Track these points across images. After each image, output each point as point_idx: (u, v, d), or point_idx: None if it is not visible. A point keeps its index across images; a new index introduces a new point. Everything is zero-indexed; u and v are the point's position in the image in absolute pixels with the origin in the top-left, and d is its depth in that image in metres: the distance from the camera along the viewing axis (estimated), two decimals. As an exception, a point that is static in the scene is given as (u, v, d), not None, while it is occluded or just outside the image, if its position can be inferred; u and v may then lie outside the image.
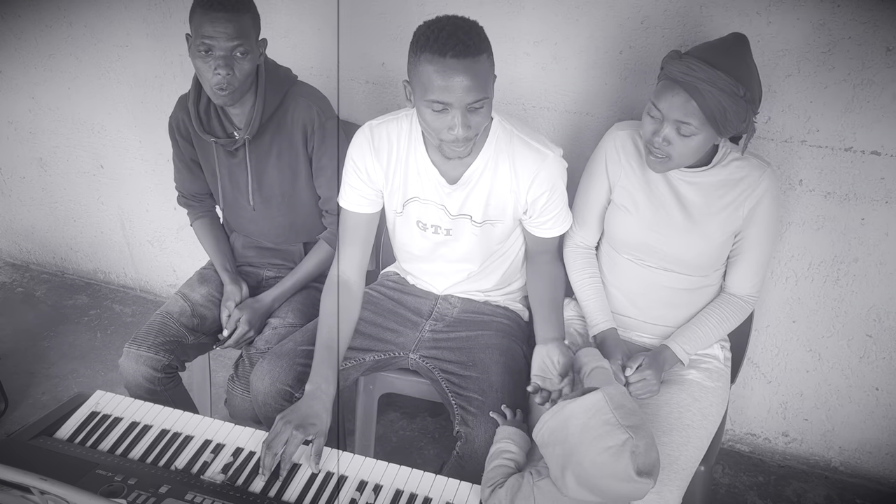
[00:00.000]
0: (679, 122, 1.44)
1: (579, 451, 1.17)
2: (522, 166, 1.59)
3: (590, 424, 1.18)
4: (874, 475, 2.19)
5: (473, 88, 1.38)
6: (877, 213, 1.84)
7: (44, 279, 3.16)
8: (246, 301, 1.88)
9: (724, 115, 1.41)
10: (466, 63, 1.36)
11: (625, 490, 1.16)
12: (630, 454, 1.13)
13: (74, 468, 1.32)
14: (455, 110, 1.41)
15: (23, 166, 2.96)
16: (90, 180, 2.86)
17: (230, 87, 1.69)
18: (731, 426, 2.29)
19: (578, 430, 1.18)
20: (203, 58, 1.67)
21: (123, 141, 2.70)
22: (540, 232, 1.70)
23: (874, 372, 2.04)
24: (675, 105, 1.43)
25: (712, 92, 1.39)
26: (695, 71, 1.40)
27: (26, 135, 2.87)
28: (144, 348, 1.76)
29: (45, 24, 2.56)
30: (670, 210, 1.62)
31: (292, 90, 1.85)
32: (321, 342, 1.60)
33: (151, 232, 2.87)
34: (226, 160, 1.89)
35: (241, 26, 1.66)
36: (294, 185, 1.91)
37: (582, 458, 1.17)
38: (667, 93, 1.44)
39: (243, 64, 1.69)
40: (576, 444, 1.18)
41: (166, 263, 2.93)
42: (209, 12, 1.63)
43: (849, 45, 1.69)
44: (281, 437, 1.39)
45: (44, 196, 3.01)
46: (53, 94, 2.72)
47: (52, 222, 3.06)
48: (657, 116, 1.47)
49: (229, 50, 1.66)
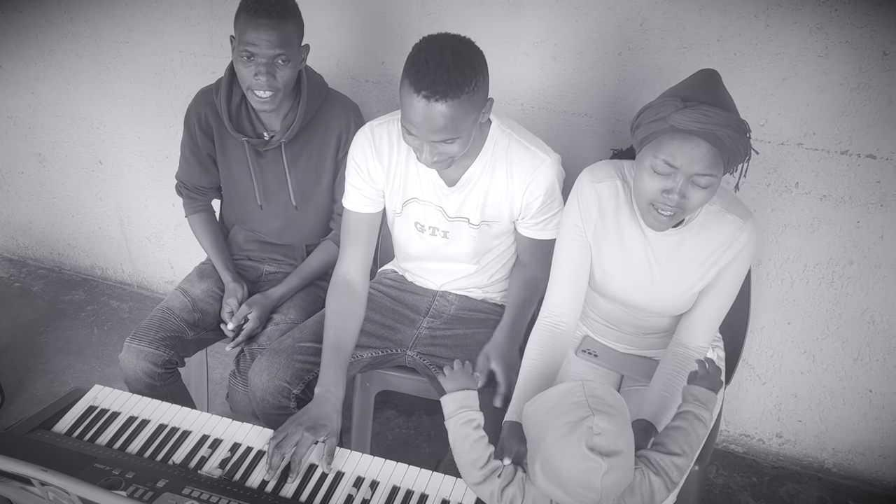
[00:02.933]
0: (700, 174, 1.30)
1: (544, 430, 1.15)
2: (519, 170, 1.60)
3: (559, 405, 1.17)
4: (867, 477, 2.20)
5: (439, 130, 1.39)
6: (872, 217, 1.86)
7: (41, 274, 3.16)
8: (255, 297, 1.89)
9: (735, 152, 1.31)
10: (435, 105, 1.36)
11: (577, 471, 1.11)
12: (586, 429, 1.11)
13: (72, 461, 1.32)
14: (421, 141, 1.43)
15: (21, 161, 2.96)
16: (89, 176, 2.87)
17: (270, 94, 1.70)
18: (726, 427, 2.30)
19: (547, 410, 1.17)
20: (245, 63, 1.68)
21: (123, 137, 2.70)
22: (531, 233, 1.69)
23: (868, 374, 2.05)
24: (697, 157, 1.28)
25: (731, 136, 1.28)
26: (711, 118, 1.26)
27: (25, 130, 2.87)
28: (145, 343, 1.77)
29: (46, 20, 2.57)
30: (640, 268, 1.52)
31: (329, 97, 1.88)
32: (328, 344, 1.60)
33: (149, 228, 2.88)
34: (255, 160, 1.91)
35: (285, 34, 1.66)
36: (315, 189, 1.93)
37: (545, 436, 1.15)
38: (684, 146, 1.28)
39: (285, 71, 1.70)
40: (542, 423, 1.17)
41: (164, 260, 2.93)
42: (253, 18, 1.64)
43: (845, 49, 1.70)
44: (291, 439, 1.39)
45: (42, 191, 3.01)
46: (53, 90, 2.72)
47: (51, 217, 3.06)
48: (667, 172, 1.31)
49: (272, 57, 1.67)
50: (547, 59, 1.98)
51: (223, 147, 1.93)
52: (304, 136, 1.87)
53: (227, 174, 1.97)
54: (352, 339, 1.65)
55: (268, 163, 1.90)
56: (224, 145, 1.92)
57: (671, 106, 1.30)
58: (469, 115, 1.41)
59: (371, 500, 1.31)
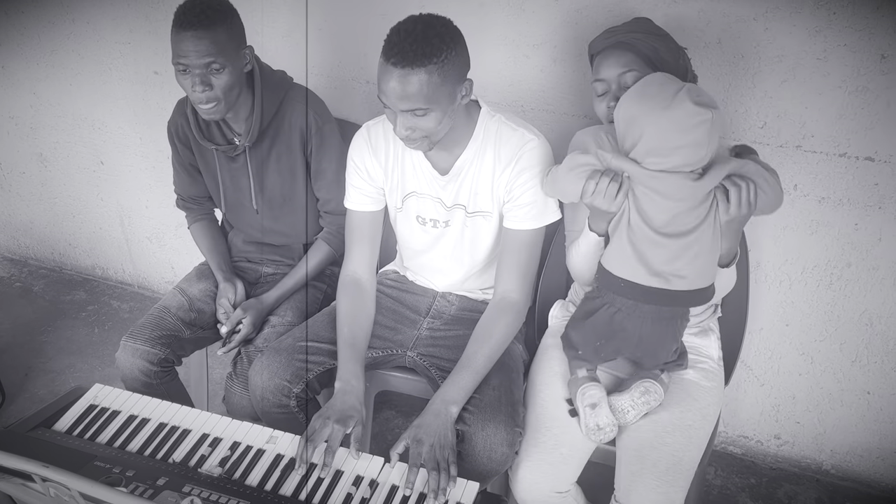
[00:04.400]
0: (623, 74, 1.53)
1: (644, 116, 1.34)
2: (505, 149, 1.60)
3: (646, 91, 1.37)
4: (865, 478, 2.21)
5: (407, 98, 1.41)
6: (870, 219, 1.86)
7: (42, 274, 3.17)
8: (250, 301, 1.89)
9: (657, 53, 1.53)
10: (403, 73, 1.39)
11: (689, 126, 1.30)
12: (686, 91, 1.31)
13: (73, 459, 1.32)
14: (393, 112, 1.46)
15: (23, 162, 2.97)
16: (90, 176, 2.87)
17: (212, 102, 1.69)
18: (724, 428, 2.30)
19: (637, 99, 1.37)
20: (182, 76, 1.67)
21: (124, 138, 2.71)
22: (516, 222, 1.61)
23: (866, 376, 2.06)
24: (613, 63, 1.54)
25: (637, 37, 1.53)
26: (616, 31, 1.55)
27: (27, 130, 2.88)
28: (141, 342, 1.77)
29: (48, 21, 2.57)
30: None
31: (289, 95, 1.86)
32: (344, 341, 1.63)
33: (150, 229, 2.88)
34: (227, 165, 1.91)
35: (214, 41, 1.64)
36: (293, 188, 1.92)
37: (646, 119, 1.33)
38: (602, 61, 1.56)
39: (221, 78, 1.68)
40: (639, 114, 1.35)
41: (164, 260, 2.94)
42: (180, 31, 1.63)
43: (844, 53, 1.71)
44: (322, 433, 1.42)
45: (43, 192, 3.01)
46: (55, 90, 2.73)
47: (52, 218, 3.07)
48: (603, 88, 1.57)
49: (204, 67, 1.65)
50: (547, 61, 1.99)
51: (202, 156, 1.93)
52: (270, 137, 1.86)
53: (210, 181, 1.98)
54: (365, 336, 1.68)
55: (239, 167, 1.91)
56: (202, 154, 1.93)
57: (593, 41, 1.61)
58: (440, 88, 1.42)
59: (370, 499, 1.32)
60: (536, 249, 1.66)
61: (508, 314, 1.63)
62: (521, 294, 1.64)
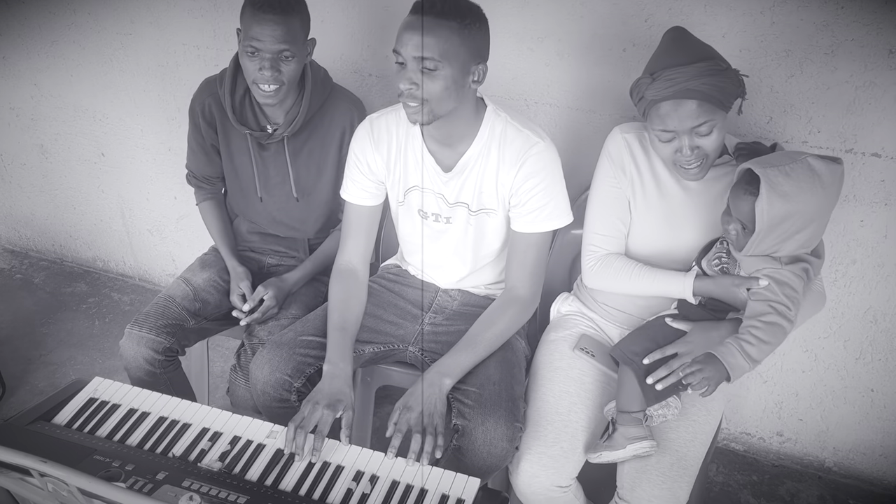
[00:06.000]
0: (695, 126, 1.44)
1: (812, 200, 1.37)
2: (511, 152, 1.60)
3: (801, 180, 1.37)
4: (867, 476, 2.20)
5: (425, 45, 1.43)
6: (876, 215, 1.85)
7: (43, 266, 3.16)
8: (271, 280, 1.89)
9: (722, 91, 1.43)
10: (429, 20, 1.43)
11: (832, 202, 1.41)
12: (810, 158, 1.36)
13: (72, 453, 1.32)
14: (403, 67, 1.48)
15: (24, 153, 2.96)
16: (91, 168, 2.86)
17: (275, 87, 1.70)
18: (726, 425, 2.30)
19: (804, 190, 1.36)
20: (250, 58, 1.68)
21: (125, 129, 2.70)
22: (523, 225, 1.63)
23: (870, 373, 2.05)
24: (685, 116, 1.43)
25: (706, 82, 1.40)
26: (678, 79, 1.41)
27: (28, 121, 2.87)
28: (146, 330, 1.77)
29: (49, 11, 2.56)
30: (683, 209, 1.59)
31: (334, 92, 1.89)
32: (333, 325, 1.64)
33: (151, 221, 2.88)
34: (259, 152, 1.91)
35: (290, 29, 1.66)
36: (315, 184, 1.93)
37: (812, 202, 1.37)
38: (669, 112, 1.44)
39: (290, 66, 1.70)
40: (811, 200, 1.37)
41: (165, 253, 2.93)
42: (258, 13, 1.63)
43: (852, 47, 1.69)
44: (312, 418, 1.42)
45: (44, 183, 3.01)
46: (56, 81, 2.72)
47: (52, 209, 3.06)
48: (668, 138, 1.47)
49: (276, 53, 1.66)
50: (552, 55, 1.97)
51: (226, 138, 1.92)
52: (307, 131, 1.87)
53: (229, 165, 1.97)
54: (356, 321, 1.69)
55: (270, 156, 1.90)
56: (227, 136, 1.92)
57: (643, 84, 1.48)
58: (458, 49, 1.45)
59: (371, 494, 1.31)
60: (544, 249, 1.67)
61: (515, 305, 1.65)
62: (528, 290, 1.65)
